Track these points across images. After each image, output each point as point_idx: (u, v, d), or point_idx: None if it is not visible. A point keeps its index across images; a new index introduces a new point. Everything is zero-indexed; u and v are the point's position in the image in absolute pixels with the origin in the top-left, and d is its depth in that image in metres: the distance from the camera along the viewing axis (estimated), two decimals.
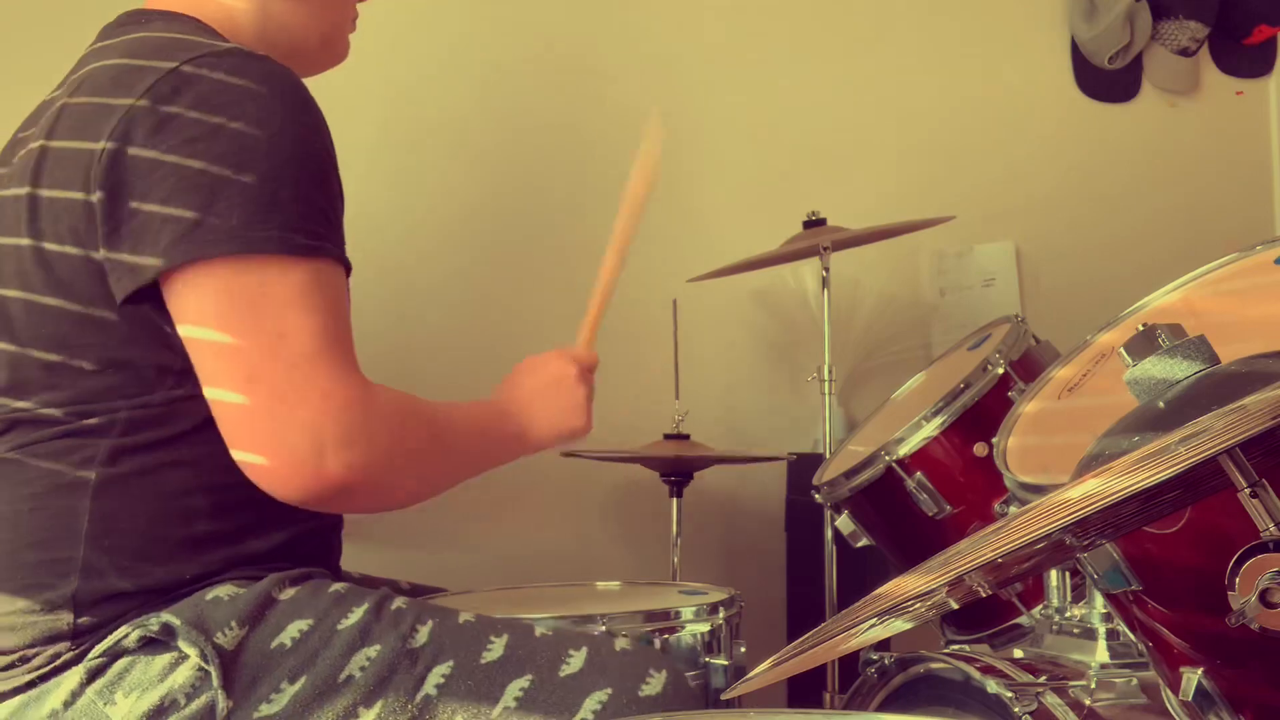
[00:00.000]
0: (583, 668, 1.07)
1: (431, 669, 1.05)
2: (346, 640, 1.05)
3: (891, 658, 1.23)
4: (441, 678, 1.05)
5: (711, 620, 1.28)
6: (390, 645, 1.05)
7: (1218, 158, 2.83)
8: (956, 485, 1.57)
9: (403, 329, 2.30)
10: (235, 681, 1.01)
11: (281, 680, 1.02)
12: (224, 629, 1.02)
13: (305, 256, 1.04)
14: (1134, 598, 0.86)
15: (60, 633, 1.03)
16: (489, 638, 1.09)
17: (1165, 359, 0.82)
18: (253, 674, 1.02)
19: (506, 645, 1.08)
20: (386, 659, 1.04)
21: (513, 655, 1.08)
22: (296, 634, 1.04)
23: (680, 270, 2.22)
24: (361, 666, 1.04)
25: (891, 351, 2.54)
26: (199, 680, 1.00)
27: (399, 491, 1.13)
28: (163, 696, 1.00)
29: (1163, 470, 0.55)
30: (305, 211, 1.05)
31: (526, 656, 1.08)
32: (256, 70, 1.06)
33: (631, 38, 2.49)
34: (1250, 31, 2.84)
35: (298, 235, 1.03)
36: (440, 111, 2.32)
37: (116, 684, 1.01)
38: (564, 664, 1.07)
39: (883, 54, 2.62)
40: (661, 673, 1.08)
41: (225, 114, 1.03)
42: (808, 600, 2.18)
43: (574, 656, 1.08)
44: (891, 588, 0.68)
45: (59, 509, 1.05)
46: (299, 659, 1.03)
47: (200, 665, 1.00)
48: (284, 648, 1.03)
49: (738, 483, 2.44)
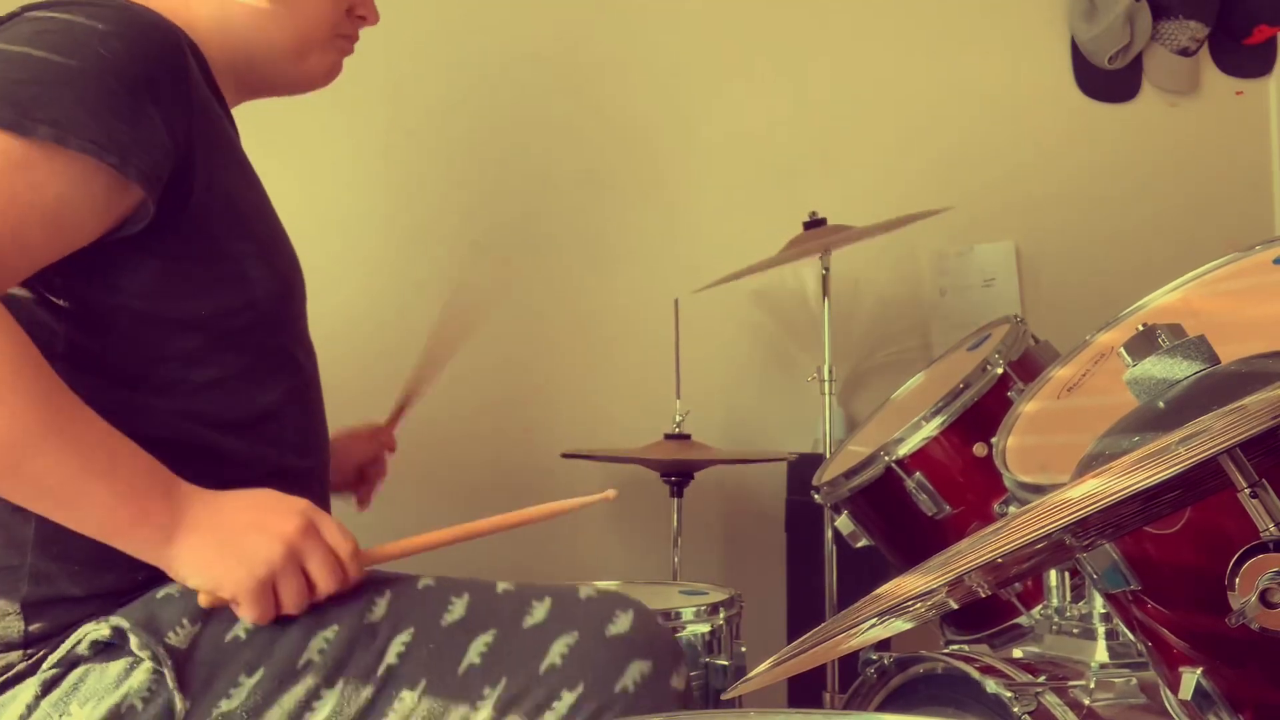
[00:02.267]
0: (547, 616, 1.05)
1: (392, 639, 1.03)
2: (302, 625, 1.02)
3: (891, 658, 1.23)
4: (403, 645, 1.03)
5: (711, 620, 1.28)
6: (348, 623, 1.03)
7: (1218, 158, 2.84)
8: (956, 485, 1.57)
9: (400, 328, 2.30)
10: (191, 680, 0.99)
11: (239, 674, 1.00)
12: (175, 628, 1.00)
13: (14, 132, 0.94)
14: (1133, 598, 0.86)
15: (12, 641, 1.01)
16: (449, 599, 1.07)
17: (1165, 359, 0.82)
18: (208, 671, 1.00)
19: (468, 605, 1.06)
20: (345, 637, 1.02)
21: (474, 613, 1.06)
22: (250, 625, 1.02)
23: (681, 270, 2.22)
24: (320, 649, 1.01)
25: (891, 351, 2.55)
26: (155, 683, 0.98)
27: None
28: (118, 703, 0.98)
29: (1163, 470, 0.55)
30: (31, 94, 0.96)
31: (489, 613, 1.06)
32: (92, 10, 1.02)
33: (631, 38, 2.49)
34: (1250, 31, 2.84)
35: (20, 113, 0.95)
36: (440, 111, 2.33)
37: (71, 695, 0.99)
38: (527, 615, 1.05)
39: (883, 54, 2.63)
40: (628, 611, 1.06)
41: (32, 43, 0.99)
42: (808, 600, 2.18)
43: (537, 607, 1.06)
44: (891, 588, 0.68)
45: (5, 519, 1.03)
46: (254, 650, 1.01)
47: (154, 667, 0.98)
48: (239, 640, 1.01)
49: (738, 483, 2.44)
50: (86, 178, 0.98)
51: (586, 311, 2.41)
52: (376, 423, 1.62)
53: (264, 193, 1.21)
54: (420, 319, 2.31)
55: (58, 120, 0.96)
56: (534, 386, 2.34)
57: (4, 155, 0.95)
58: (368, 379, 2.20)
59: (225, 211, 1.11)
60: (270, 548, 0.98)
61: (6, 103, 0.95)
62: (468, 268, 2.35)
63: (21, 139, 0.95)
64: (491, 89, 2.39)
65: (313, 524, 1.02)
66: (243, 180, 1.18)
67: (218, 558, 0.98)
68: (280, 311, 1.19)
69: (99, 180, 0.99)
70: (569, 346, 2.39)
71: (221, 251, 1.11)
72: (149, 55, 1.03)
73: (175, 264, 1.08)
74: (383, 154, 2.29)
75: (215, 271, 1.11)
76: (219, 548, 0.98)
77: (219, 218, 1.10)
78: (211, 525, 0.99)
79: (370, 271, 2.29)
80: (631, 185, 2.47)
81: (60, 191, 0.97)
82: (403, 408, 1.66)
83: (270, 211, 1.21)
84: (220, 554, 0.98)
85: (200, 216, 1.07)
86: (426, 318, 2.31)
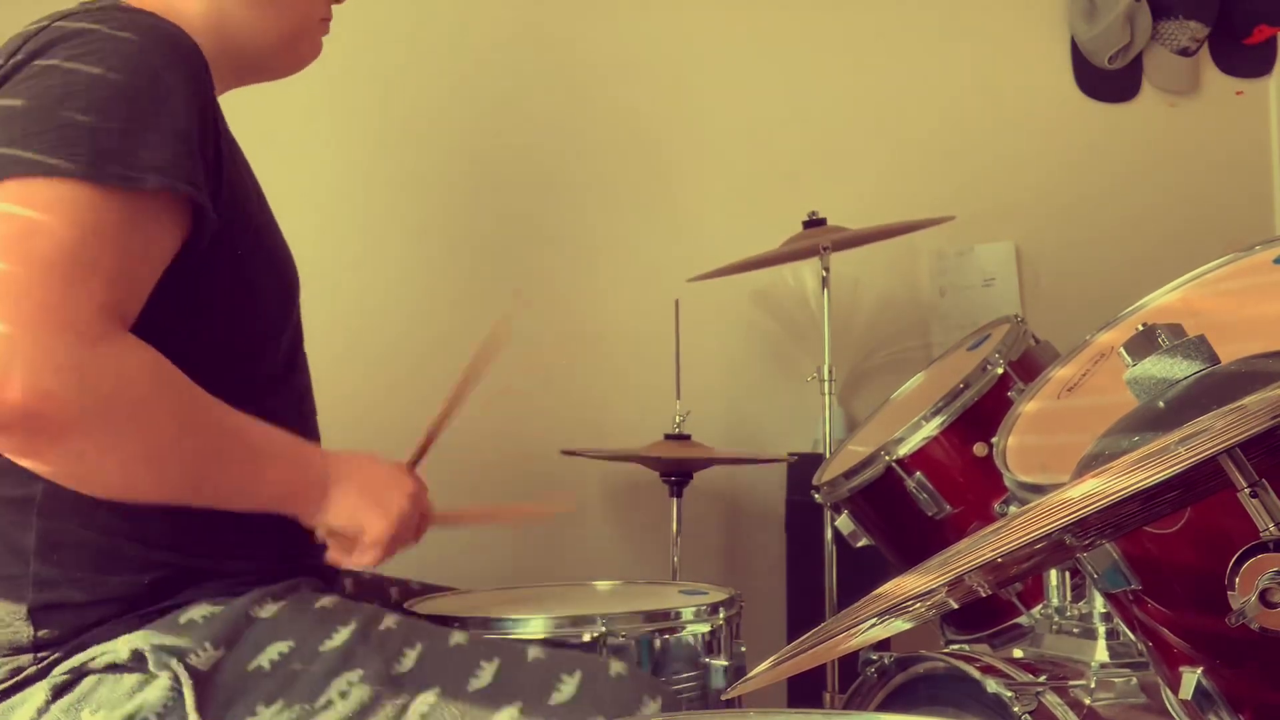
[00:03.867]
0: (574, 695, 1.05)
1: (416, 696, 1.03)
2: (328, 663, 1.03)
3: (891, 658, 1.23)
4: (427, 705, 1.02)
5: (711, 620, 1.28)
6: (374, 669, 1.03)
7: (1218, 158, 2.83)
8: (956, 485, 1.57)
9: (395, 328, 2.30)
10: (209, 702, 0.99)
11: (258, 703, 1.00)
12: (198, 650, 1.00)
13: (106, 184, 0.95)
14: (1134, 597, 0.86)
15: (21, 645, 1.01)
16: (478, 663, 1.07)
17: (1165, 359, 0.82)
18: (228, 695, 1.00)
19: (497, 671, 1.06)
20: (369, 685, 1.02)
21: (502, 681, 1.05)
22: (276, 655, 1.02)
23: (681, 270, 2.22)
24: (342, 691, 1.01)
25: (891, 351, 2.55)
26: (171, 700, 0.98)
27: (105, 457, 0.95)
28: (131, 714, 0.98)
29: (1163, 470, 0.55)
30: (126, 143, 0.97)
31: (516, 682, 1.06)
32: (118, 19, 1.03)
33: (631, 38, 2.49)
34: (1250, 31, 2.84)
35: (108, 164, 0.95)
36: (436, 110, 2.32)
37: (84, 701, 0.99)
38: (555, 691, 1.05)
39: (883, 54, 2.63)
40: (655, 700, 1.07)
41: (62, 55, 0.99)
42: (808, 600, 2.18)
43: (566, 683, 1.06)
44: (891, 588, 0.68)
45: (3, 526, 1.04)
46: (277, 682, 1.01)
47: (172, 685, 0.98)
48: (262, 670, 1.01)
49: (738, 483, 2.44)
50: (183, 217, 1.03)
51: (587, 311, 2.41)
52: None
53: (264, 196, 1.21)
54: (417, 319, 2.32)
55: (160, 167, 0.98)
56: (534, 386, 2.34)
57: (121, 214, 0.96)
58: (365, 380, 2.21)
59: (240, 224, 1.12)
60: (402, 503, 1.14)
61: (107, 157, 0.95)
62: (466, 268, 2.35)
63: (132, 192, 0.96)
64: (489, 87, 2.39)
65: (422, 489, 1.19)
66: (252, 189, 1.18)
67: (364, 505, 1.12)
68: (282, 317, 1.19)
69: (188, 216, 1.03)
70: (570, 346, 2.39)
71: (236, 263, 1.12)
72: (194, 78, 1.05)
73: (195, 278, 1.08)
74: (377, 153, 2.29)
75: (228, 283, 1.11)
76: (364, 497, 1.12)
77: (235, 230, 1.11)
78: (355, 478, 1.13)
79: (365, 271, 2.29)
80: (632, 185, 2.47)
81: (164, 236, 1.01)
82: (425, 447, 1.63)
83: (273, 219, 1.22)
84: (366, 502, 1.12)
85: (220, 230, 1.08)
86: (423, 317, 2.32)
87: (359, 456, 1.16)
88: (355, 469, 1.14)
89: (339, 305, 2.17)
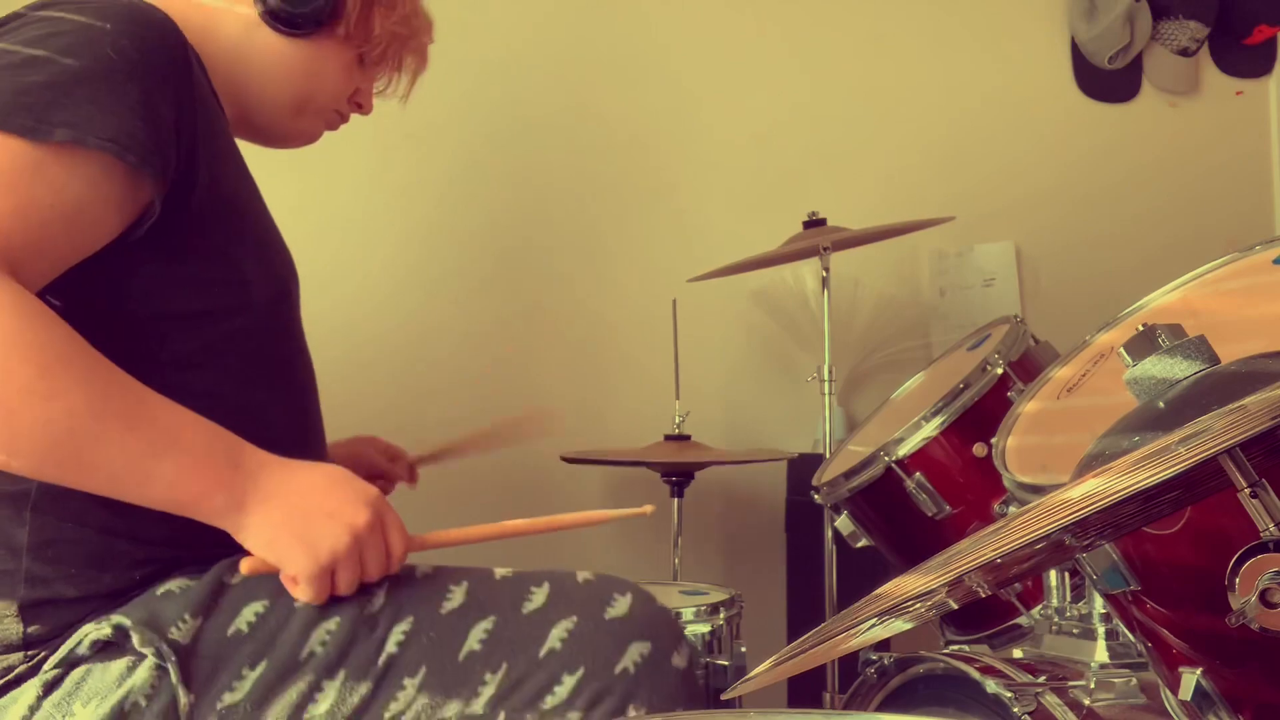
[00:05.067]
0: (546, 602, 1.06)
1: (391, 629, 1.04)
2: (304, 618, 1.03)
3: (891, 658, 1.23)
4: (402, 634, 1.04)
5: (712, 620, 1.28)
6: (348, 614, 1.03)
7: (1218, 158, 2.84)
8: (956, 485, 1.57)
9: (399, 329, 2.30)
10: (194, 675, 0.99)
11: (242, 666, 1.00)
12: (177, 623, 1.01)
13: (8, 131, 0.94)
14: (1133, 598, 0.86)
15: (11, 643, 1.01)
16: (448, 587, 1.07)
17: (1165, 359, 0.82)
18: (212, 664, 1.00)
19: (466, 592, 1.07)
20: (346, 629, 1.03)
21: (473, 600, 1.06)
22: (252, 617, 1.02)
23: (680, 270, 2.22)
24: (322, 641, 1.02)
25: (891, 351, 2.55)
26: (158, 679, 0.99)
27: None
28: (121, 700, 0.98)
29: (1163, 470, 0.55)
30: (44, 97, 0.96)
31: (488, 599, 1.07)
32: (93, 5, 1.02)
33: (632, 38, 2.49)
34: (1250, 31, 2.84)
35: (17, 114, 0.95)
36: (438, 113, 2.32)
37: (74, 694, 0.99)
38: (526, 600, 1.06)
39: (883, 54, 2.63)
40: (626, 594, 1.07)
41: (43, 45, 0.99)
42: (808, 600, 2.19)
43: (536, 593, 1.07)
44: (891, 588, 0.68)
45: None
46: (257, 643, 1.02)
47: (157, 664, 0.99)
48: (240, 633, 1.02)
49: (738, 483, 2.44)
50: (106, 177, 0.99)
51: (587, 312, 2.41)
52: (402, 450, 1.60)
53: (259, 194, 1.21)
54: (420, 319, 2.32)
55: (74, 122, 0.95)
56: (535, 386, 2.34)
57: (23, 160, 0.94)
58: (366, 381, 2.21)
59: (224, 213, 1.11)
60: (338, 537, 0.99)
61: (22, 109, 0.95)
62: (466, 268, 2.35)
63: (39, 143, 0.95)
64: (489, 87, 2.39)
65: (380, 519, 1.02)
66: (240, 181, 1.17)
67: (287, 535, 0.98)
68: (276, 315, 1.19)
69: (117, 179, 0.99)
70: (569, 347, 2.39)
71: (220, 253, 1.11)
72: (157, 53, 1.03)
73: (173, 266, 1.07)
74: (381, 156, 2.29)
75: (213, 274, 1.11)
76: (289, 525, 0.98)
77: (218, 219, 1.10)
78: (284, 500, 0.99)
79: (368, 273, 2.29)
80: (632, 186, 2.47)
81: (80, 193, 0.97)
82: (439, 455, 1.63)
83: (266, 213, 1.21)
84: (290, 532, 0.98)
85: (200, 217, 1.07)
86: (426, 319, 2.32)
87: (309, 473, 1.01)
88: (290, 488, 0.99)
89: (340, 307, 2.17)
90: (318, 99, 1.26)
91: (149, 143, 0.99)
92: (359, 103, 1.32)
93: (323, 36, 1.21)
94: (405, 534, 1.05)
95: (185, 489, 0.97)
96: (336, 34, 1.22)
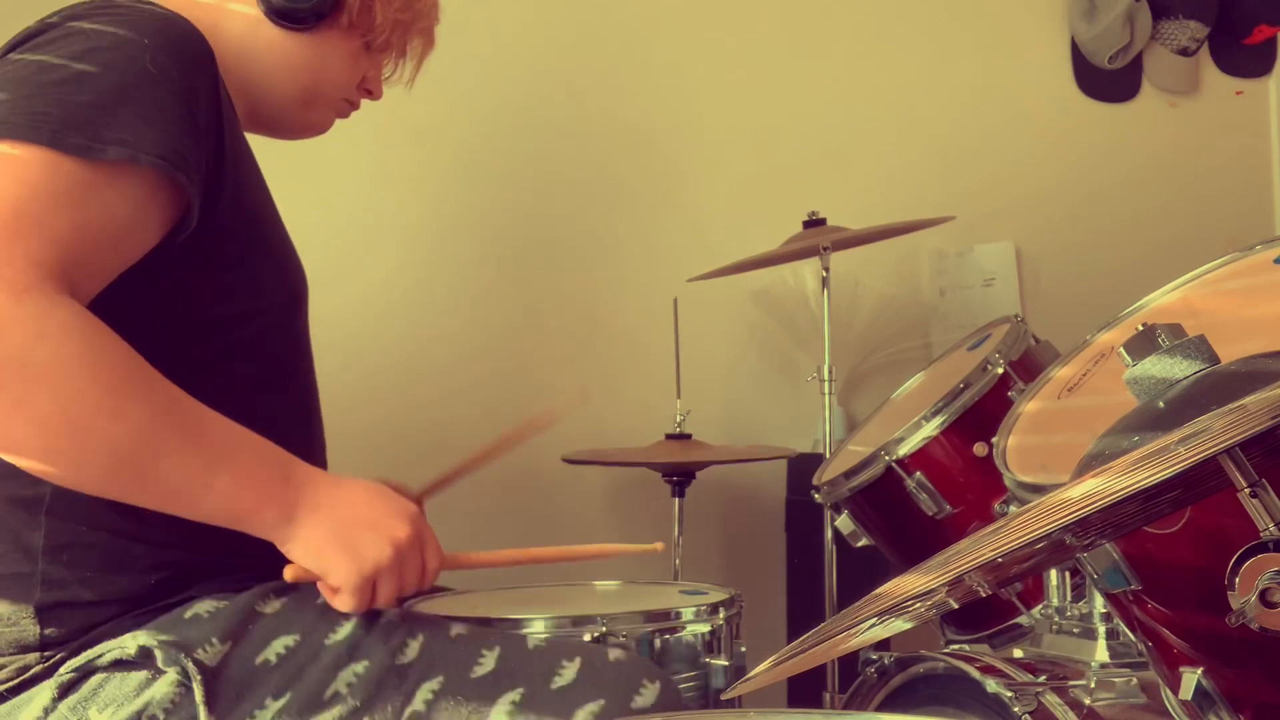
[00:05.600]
0: (575, 679, 1.05)
1: (420, 685, 1.03)
2: (334, 656, 1.03)
3: (891, 658, 1.23)
4: (431, 693, 1.03)
5: (712, 620, 1.28)
6: (379, 661, 1.04)
7: (1218, 158, 2.84)
8: (956, 485, 1.57)
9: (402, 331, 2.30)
10: (218, 697, 0.99)
11: (265, 697, 1.00)
12: (205, 645, 1.01)
13: (64, 151, 0.94)
14: (1134, 597, 0.86)
15: (28, 644, 1.02)
16: (480, 651, 1.07)
17: (1165, 359, 0.82)
18: (236, 690, 1.00)
19: (498, 658, 1.06)
20: (374, 675, 1.03)
21: (504, 668, 1.06)
22: (282, 649, 1.03)
23: (680, 270, 2.22)
24: (349, 683, 1.02)
25: (891, 351, 2.55)
26: (179, 695, 0.98)
27: (13, 412, 0.90)
28: (139, 711, 0.98)
29: (1163, 470, 0.55)
30: (94, 115, 0.97)
31: (518, 669, 1.06)
32: (125, 16, 1.03)
33: (631, 38, 2.49)
34: (1250, 31, 2.84)
35: (71, 133, 0.95)
36: (442, 114, 2.32)
37: (90, 699, 0.99)
38: (556, 675, 1.05)
39: (883, 54, 2.63)
40: (655, 684, 1.07)
41: (84, 59, 0.99)
42: (808, 600, 2.18)
43: (567, 668, 1.06)
44: (891, 588, 0.68)
45: (13, 525, 1.04)
46: (284, 675, 1.02)
47: (180, 680, 0.98)
48: (269, 664, 1.02)
49: (738, 483, 2.44)
50: (154, 193, 1.00)
51: (587, 312, 2.41)
52: (406, 486, 1.58)
53: (273, 199, 1.22)
54: (419, 321, 2.32)
55: (125, 140, 0.96)
56: (535, 386, 2.34)
57: (79, 179, 0.95)
58: (368, 388, 2.21)
59: (245, 221, 1.12)
60: (381, 549, 1.02)
61: (74, 127, 0.95)
62: (465, 268, 2.35)
63: (93, 162, 0.95)
64: (489, 87, 2.39)
65: (420, 534, 1.05)
66: (258, 188, 1.18)
67: (333, 546, 1.01)
68: (286, 321, 1.19)
69: (163, 194, 1.01)
70: (569, 346, 2.39)
71: (238, 261, 1.12)
72: (192, 65, 1.04)
73: (194, 273, 1.08)
74: (382, 156, 2.29)
75: (230, 281, 1.11)
76: (335, 537, 1.01)
77: (239, 227, 1.10)
78: (331, 512, 1.02)
79: (368, 275, 2.29)
80: (632, 186, 2.47)
81: (131, 210, 0.98)
82: (443, 483, 1.61)
83: (279, 219, 1.22)
84: (335, 543, 1.01)
85: (222, 225, 1.07)
86: (425, 320, 2.32)
87: (352, 487, 1.05)
88: (336, 500, 1.03)
89: (342, 310, 2.16)
90: (326, 90, 1.26)
91: (193, 158, 1.01)
92: (368, 89, 1.32)
93: (326, 28, 1.22)
94: (440, 551, 1.08)
95: (240, 503, 0.99)
96: (340, 25, 1.22)
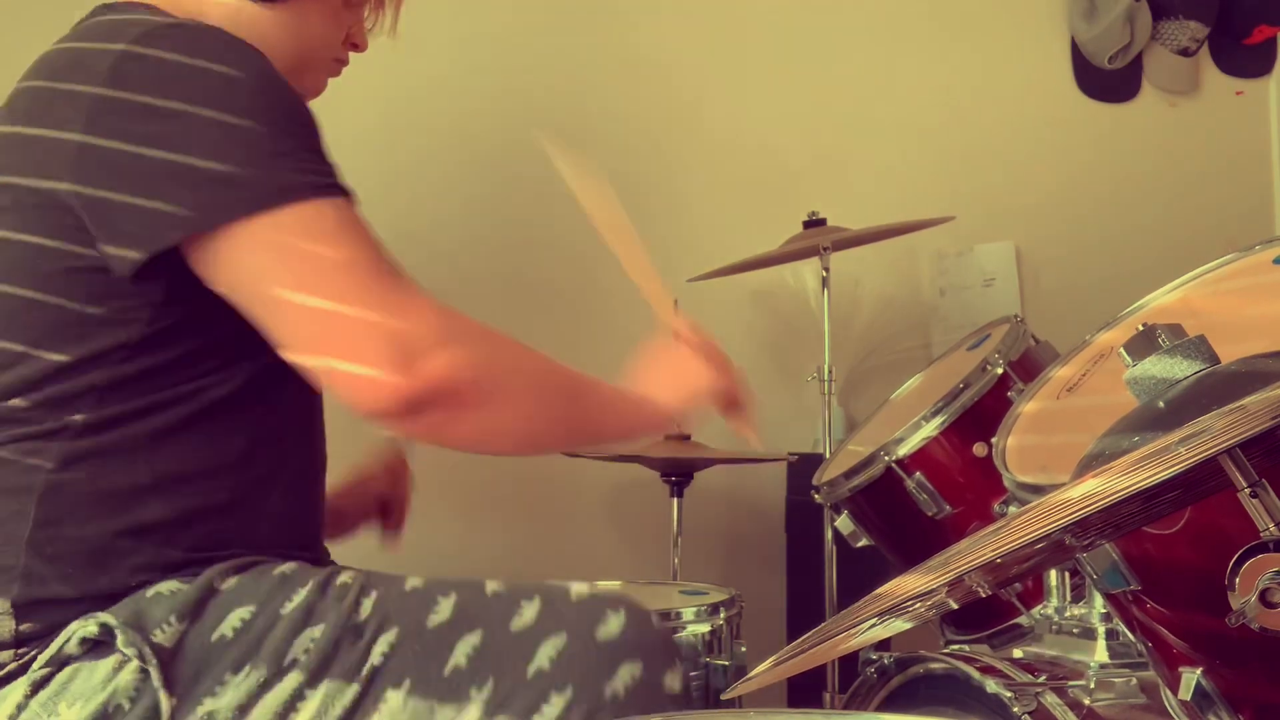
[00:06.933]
0: (536, 618, 1.04)
1: (377, 639, 1.03)
2: (290, 623, 1.03)
3: (891, 658, 1.23)
4: (388, 645, 1.03)
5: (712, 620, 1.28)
6: (334, 622, 1.03)
7: (1218, 158, 2.84)
8: (956, 485, 1.57)
9: None
10: (176, 678, 0.99)
11: (225, 672, 1.00)
12: (162, 626, 1.00)
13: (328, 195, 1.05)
14: (1133, 597, 0.86)
15: (3, 640, 1.01)
16: (436, 599, 1.06)
17: (1165, 359, 0.82)
18: (195, 669, 1.00)
19: (455, 605, 1.06)
20: (331, 636, 1.02)
21: (461, 614, 1.05)
22: (238, 623, 1.02)
23: (680, 270, 2.22)
24: (305, 649, 1.01)
25: (891, 351, 2.55)
26: (141, 682, 0.98)
27: (507, 409, 1.09)
28: (105, 702, 0.97)
29: (1163, 470, 0.55)
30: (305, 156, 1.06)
31: (476, 614, 1.05)
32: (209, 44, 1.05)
33: (631, 38, 2.49)
34: (1250, 31, 2.84)
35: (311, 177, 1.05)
36: (437, 109, 2.32)
37: (60, 695, 0.99)
38: (516, 616, 1.04)
39: (883, 54, 2.63)
40: (619, 612, 1.05)
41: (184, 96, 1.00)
42: (808, 600, 2.18)
43: (526, 608, 1.05)
44: (891, 588, 0.68)
45: (2, 518, 1.03)
46: (242, 648, 1.01)
47: (141, 666, 0.98)
48: (225, 639, 1.01)
49: (738, 483, 2.44)
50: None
51: (587, 311, 2.41)
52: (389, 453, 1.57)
53: None
54: None
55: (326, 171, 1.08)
56: None
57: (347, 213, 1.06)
58: None
59: None
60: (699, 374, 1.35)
61: (310, 170, 1.04)
62: (465, 268, 2.35)
63: (344, 198, 1.07)
64: (489, 87, 2.39)
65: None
66: None
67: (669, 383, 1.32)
68: None
69: None
70: (569, 347, 2.38)
71: None
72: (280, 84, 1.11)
73: None
74: (378, 155, 2.29)
75: None
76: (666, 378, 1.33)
77: None
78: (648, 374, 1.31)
79: None
80: (632, 186, 2.45)
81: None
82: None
83: None
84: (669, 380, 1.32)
85: None
86: None
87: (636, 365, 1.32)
88: (641, 371, 1.31)
89: None
90: (316, 54, 1.28)
91: None
92: (354, 43, 1.33)
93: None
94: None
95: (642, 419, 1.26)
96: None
